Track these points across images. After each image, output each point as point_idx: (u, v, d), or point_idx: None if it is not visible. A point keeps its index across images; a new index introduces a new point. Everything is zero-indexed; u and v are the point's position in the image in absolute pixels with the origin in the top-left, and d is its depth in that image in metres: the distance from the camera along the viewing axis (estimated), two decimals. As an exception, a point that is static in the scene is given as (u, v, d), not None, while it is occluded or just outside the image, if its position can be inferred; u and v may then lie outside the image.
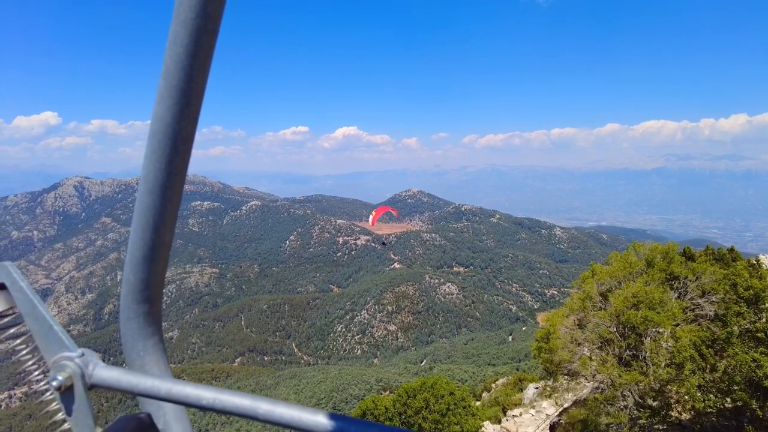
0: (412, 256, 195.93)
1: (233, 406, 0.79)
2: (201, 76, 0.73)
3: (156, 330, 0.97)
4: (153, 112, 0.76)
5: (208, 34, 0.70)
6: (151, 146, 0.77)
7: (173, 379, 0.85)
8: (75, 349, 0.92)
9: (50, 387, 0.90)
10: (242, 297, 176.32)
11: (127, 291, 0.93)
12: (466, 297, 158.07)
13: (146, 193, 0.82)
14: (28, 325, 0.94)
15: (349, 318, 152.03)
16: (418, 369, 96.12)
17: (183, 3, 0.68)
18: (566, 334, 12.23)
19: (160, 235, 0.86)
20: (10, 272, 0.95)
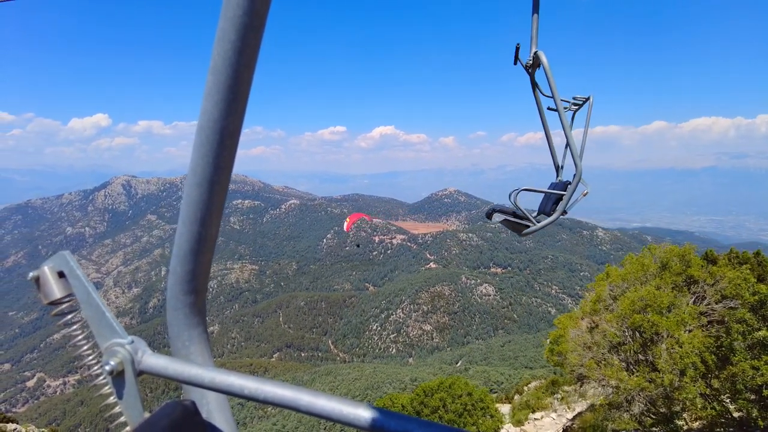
0: (449, 256, 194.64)
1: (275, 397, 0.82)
2: (247, 73, 0.74)
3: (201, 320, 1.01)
4: (201, 107, 0.78)
5: (255, 31, 0.71)
6: (199, 141, 0.79)
7: (217, 369, 0.88)
8: (125, 336, 0.97)
9: (103, 371, 0.95)
10: (281, 294, 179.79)
11: (174, 282, 0.96)
12: (504, 298, 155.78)
13: (194, 186, 0.83)
14: (84, 311, 1.00)
15: (385, 317, 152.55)
16: (454, 369, 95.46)
17: (231, 1, 0.69)
18: (576, 338, 11.99)
19: (206, 228, 0.87)
20: (68, 261, 1.02)
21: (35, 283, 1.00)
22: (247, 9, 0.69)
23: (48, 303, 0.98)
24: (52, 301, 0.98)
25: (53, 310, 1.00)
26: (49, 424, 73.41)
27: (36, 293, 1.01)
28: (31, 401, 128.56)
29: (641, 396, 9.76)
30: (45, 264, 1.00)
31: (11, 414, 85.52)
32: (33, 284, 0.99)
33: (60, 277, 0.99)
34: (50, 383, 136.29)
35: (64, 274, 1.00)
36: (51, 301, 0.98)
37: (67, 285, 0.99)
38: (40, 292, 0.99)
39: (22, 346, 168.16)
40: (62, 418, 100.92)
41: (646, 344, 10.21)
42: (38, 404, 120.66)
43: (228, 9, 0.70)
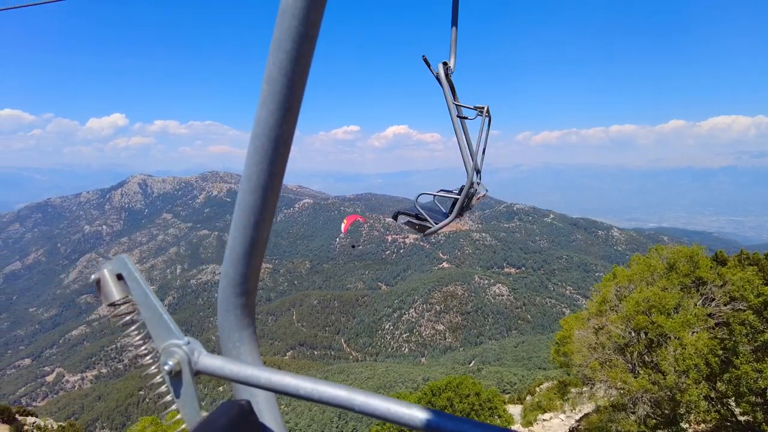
0: (462, 255, 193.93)
1: (330, 397, 0.83)
2: (301, 81, 0.76)
3: (251, 321, 1.03)
4: (256, 116, 0.80)
5: (309, 41, 0.73)
6: (254, 148, 0.82)
7: (272, 369, 0.90)
8: (182, 337, 0.99)
9: (161, 371, 0.98)
10: (294, 292, 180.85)
11: (226, 284, 0.98)
12: (517, 299, 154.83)
13: (248, 192, 0.86)
14: (142, 313, 1.03)
15: (397, 316, 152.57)
16: (466, 370, 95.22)
17: (287, 11, 0.71)
18: (581, 339, 11.91)
19: (259, 232, 0.90)
20: (126, 263, 1.04)
21: (96, 286, 1.03)
22: (303, 19, 0.71)
23: (107, 305, 1.03)
24: (111, 303, 1.02)
25: (111, 311, 1.04)
26: (67, 419, 74.63)
27: (96, 295, 1.05)
28: (51, 396, 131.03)
29: (646, 398, 9.69)
30: (104, 267, 1.03)
31: (31, 408, 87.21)
32: (94, 287, 1.03)
33: (119, 280, 1.03)
34: (69, 378, 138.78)
35: (123, 276, 1.03)
36: (110, 302, 1.02)
37: (125, 287, 1.03)
38: (100, 294, 1.03)
39: (41, 341, 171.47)
40: (80, 412, 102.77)
41: (651, 346, 10.13)
42: (57, 399, 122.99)
43: (284, 20, 0.72)
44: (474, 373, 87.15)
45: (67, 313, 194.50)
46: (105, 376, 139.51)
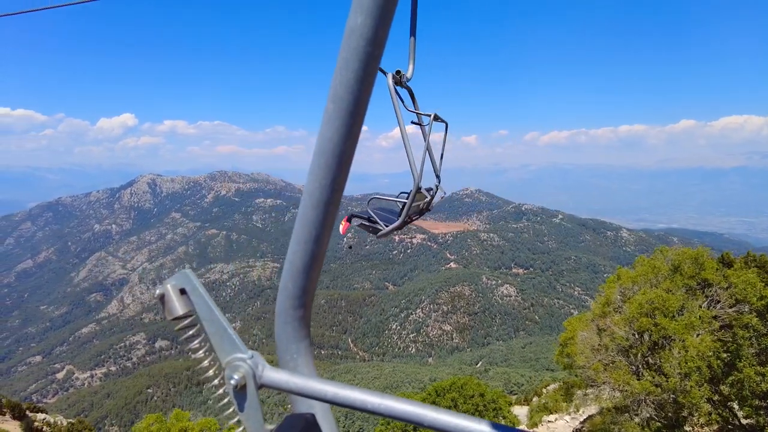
0: (469, 256, 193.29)
1: (398, 412, 0.83)
2: (365, 99, 0.79)
3: (307, 333, 1.06)
4: (320, 133, 0.82)
5: (375, 59, 0.76)
6: (318, 164, 0.84)
7: (337, 383, 0.91)
8: (246, 351, 1.00)
9: (227, 385, 0.99)
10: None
11: (285, 297, 1.01)
12: (525, 299, 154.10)
13: (310, 207, 0.88)
14: (205, 327, 1.03)
15: (404, 316, 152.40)
16: (474, 370, 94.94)
17: (355, 31, 0.73)
18: (584, 340, 11.82)
19: (319, 247, 0.92)
20: (190, 278, 1.04)
21: (159, 301, 1.04)
22: (371, 39, 0.73)
23: (171, 319, 1.04)
24: (175, 318, 1.03)
25: (174, 325, 1.05)
26: (77, 416, 75.34)
27: (160, 309, 1.05)
28: (61, 393, 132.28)
29: (649, 400, 9.60)
30: (168, 282, 1.04)
31: (42, 405, 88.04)
32: (158, 301, 1.05)
33: (182, 294, 1.04)
34: (78, 376, 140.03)
35: (186, 291, 1.04)
36: (174, 317, 1.03)
37: (188, 302, 1.03)
38: (164, 309, 1.04)
39: (52, 339, 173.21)
40: (90, 410, 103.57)
41: (654, 348, 10.03)
42: (67, 396, 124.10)
43: (351, 40, 0.74)
44: (481, 374, 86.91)
45: (77, 311, 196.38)
46: (114, 374, 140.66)
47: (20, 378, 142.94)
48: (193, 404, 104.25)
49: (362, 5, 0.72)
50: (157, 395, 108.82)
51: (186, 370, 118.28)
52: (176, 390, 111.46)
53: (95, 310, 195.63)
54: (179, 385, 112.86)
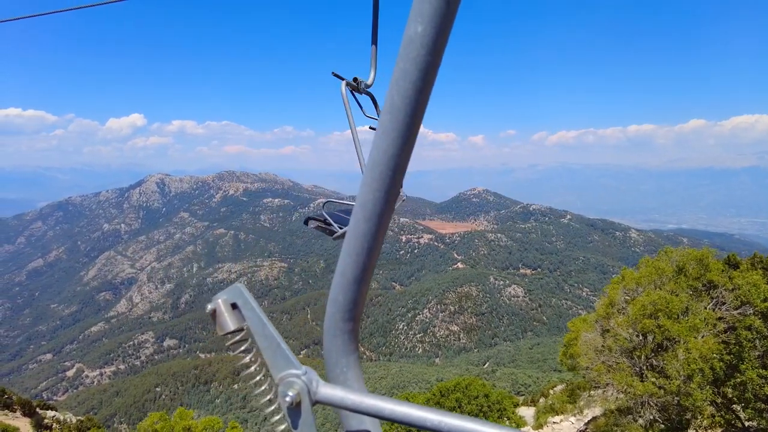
0: (476, 256, 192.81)
1: (460, 430, 0.79)
2: (423, 109, 0.76)
3: (356, 347, 1.02)
4: (374, 144, 0.80)
5: (434, 68, 0.73)
6: (372, 176, 0.82)
7: (394, 399, 0.88)
8: (300, 367, 0.98)
9: (281, 401, 0.97)
10: (309, 291, 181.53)
11: (335, 310, 0.97)
12: (533, 300, 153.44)
13: (363, 220, 0.86)
14: (258, 342, 1.02)
15: (411, 316, 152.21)
16: (480, 371, 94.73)
17: (414, 40, 0.71)
18: (587, 342, 11.76)
19: (371, 259, 0.90)
20: (242, 293, 1.03)
21: (211, 316, 1.02)
22: (430, 48, 0.71)
23: (223, 334, 1.01)
24: (226, 333, 1.01)
25: (226, 340, 1.03)
26: (86, 413, 76.03)
27: (212, 325, 1.00)
28: (71, 390, 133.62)
29: (652, 402, 9.53)
30: (219, 297, 1.02)
31: (52, 402, 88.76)
32: (209, 317, 1.02)
33: (233, 309, 1.02)
34: (88, 374, 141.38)
35: (237, 305, 1.02)
36: (226, 332, 1.01)
37: (240, 317, 1.02)
38: (216, 324, 1.01)
39: (62, 337, 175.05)
40: (99, 407, 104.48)
41: (657, 350, 9.96)
42: (77, 393, 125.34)
43: (410, 49, 0.72)
44: (488, 375, 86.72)
45: (86, 310, 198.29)
46: (123, 372, 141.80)
47: (31, 375, 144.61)
48: (201, 403, 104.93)
49: (422, 14, 0.70)
50: (165, 394, 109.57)
51: (194, 369, 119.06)
52: (184, 389, 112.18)
53: (104, 308, 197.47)
54: (187, 383, 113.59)
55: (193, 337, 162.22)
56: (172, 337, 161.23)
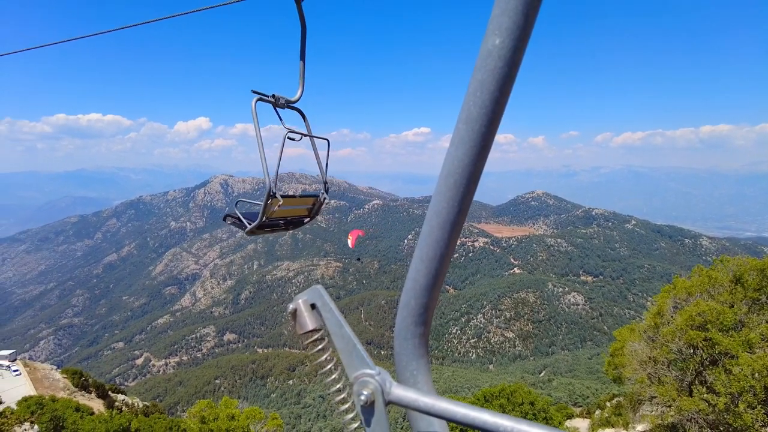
0: (534, 261, 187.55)
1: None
2: (498, 120, 0.78)
3: (426, 351, 1.04)
4: (449, 153, 0.82)
5: (511, 80, 0.75)
6: (446, 185, 0.84)
7: (466, 404, 0.89)
8: (374, 368, 1.01)
9: (356, 401, 1.00)
10: (363, 291, 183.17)
11: (406, 314, 0.99)
12: (594, 308, 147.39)
13: (436, 227, 0.88)
14: (335, 342, 1.06)
15: (465, 321, 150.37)
16: (536, 380, 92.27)
17: (492, 53, 0.73)
18: (633, 352, 11.04)
19: (443, 265, 0.92)
20: (321, 294, 1.09)
21: (291, 316, 1.08)
22: (509, 60, 0.73)
23: (301, 333, 1.07)
24: (305, 332, 1.07)
25: (305, 339, 1.08)
26: (153, 399, 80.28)
27: (291, 324, 1.07)
28: (140, 377, 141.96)
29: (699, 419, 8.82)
30: (299, 297, 1.08)
31: (123, 387, 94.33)
32: (289, 316, 1.08)
33: (312, 309, 1.08)
34: (155, 363, 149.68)
35: (316, 306, 1.08)
36: (304, 331, 1.07)
37: (318, 317, 1.07)
38: (294, 323, 1.07)
39: (132, 327, 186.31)
40: (164, 395, 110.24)
41: (705, 363, 9.21)
42: (145, 381, 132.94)
43: (489, 61, 0.74)
44: (544, 384, 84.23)
45: (154, 303, 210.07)
46: (186, 363, 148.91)
47: (106, 362, 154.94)
48: (257, 397, 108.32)
49: (500, 27, 0.73)
50: (224, 386, 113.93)
51: (252, 363, 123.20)
52: (242, 382, 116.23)
53: (170, 302, 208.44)
54: (245, 377, 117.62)
55: (252, 333, 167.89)
56: (231, 331, 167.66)
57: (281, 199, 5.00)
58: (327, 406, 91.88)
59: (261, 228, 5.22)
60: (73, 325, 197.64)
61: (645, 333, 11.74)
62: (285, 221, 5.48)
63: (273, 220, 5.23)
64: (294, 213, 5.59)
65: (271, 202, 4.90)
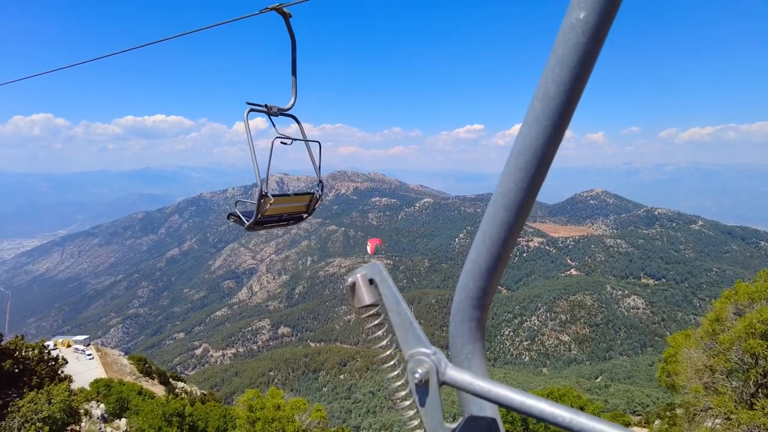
0: (592, 263, 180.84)
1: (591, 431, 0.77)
2: (577, 99, 0.75)
3: (482, 335, 1.03)
4: (521, 132, 0.79)
5: (593, 57, 0.72)
6: (516, 165, 0.81)
7: (524, 392, 0.88)
8: (430, 347, 0.99)
9: (410, 378, 0.99)
10: (413, 289, 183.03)
11: (464, 297, 0.98)
12: (655, 313, 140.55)
13: (502, 209, 0.85)
14: (391, 319, 1.04)
15: (518, 322, 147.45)
16: (592, 385, 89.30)
17: (575, 27, 0.70)
18: (688, 359, 10.23)
19: (506, 249, 0.89)
20: (380, 270, 1.07)
21: (350, 289, 1.07)
22: (592, 35, 0.70)
23: (359, 307, 1.06)
24: (362, 306, 1.05)
25: (361, 313, 1.07)
26: (210, 389, 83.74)
27: (349, 297, 1.06)
28: (199, 367, 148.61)
29: None
30: (358, 271, 1.07)
31: (183, 375, 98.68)
32: (348, 290, 1.07)
33: (370, 284, 1.07)
34: (213, 353, 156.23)
35: (375, 281, 1.06)
36: (361, 306, 1.05)
37: (376, 292, 1.06)
38: (353, 297, 1.06)
39: (192, 319, 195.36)
40: (221, 385, 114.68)
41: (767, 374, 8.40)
42: (203, 370, 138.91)
43: (570, 36, 0.71)
44: (600, 390, 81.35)
45: (213, 296, 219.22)
46: (242, 355, 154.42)
47: (167, 351, 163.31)
48: (309, 390, 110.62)
49: (584, 0, 0.69)
50: (277, 378, 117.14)
51: (304, 357, 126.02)
52: (294, 375, 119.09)
53: (228, 295, 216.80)
54: (297, 370, 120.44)
55: (305, 327, 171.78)
56: (286, 325, 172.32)
57: (272, 198, 5.50)
58: (377, 402, 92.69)
59: (259, 224, 5.77)
60: (139, 315, 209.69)
61: (701, 340, 10.87)
62: (283, 217, 6.09)
63: (269, 217, 5.79)
64: (290, 210, 6.19)
65: (264, 202, 5.46)
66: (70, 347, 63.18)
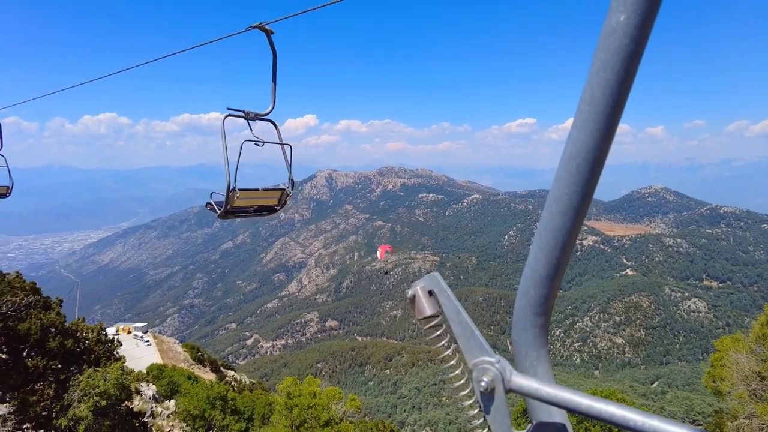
0: (650, 263, 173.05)
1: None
2: (624, 100, 0.75)
3: (546, 341, 1.03)
4: (571, 136, 0.79)
5: (637, 58, 0.72)
6: (568, 169, 0.81)
7: (593, 396, 0.87)
8: (493, 355, 1.00)
9: (476, 387, 1.00)
10: (459, 287, 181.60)
11: (526, 303, 0.98)
12: (719, 317, 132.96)
13: (558, 214, 0.86)
14: (453, 328, 1.05)
15: (569, 323, 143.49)
16: (647, 390, 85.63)
17: (617, 30, 0.70)
18: (735, 363, 9.43)
19: (565, 254, 0.89)
20: (438, 281, 1.09)
21: (410, 302, 1.09)
22: (635, 37, 0.70)
23: (420, 318, 1.08)
24: (423, 317, 1.07)
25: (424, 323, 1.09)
26: (259, 378, 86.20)
27: (410, 310, 1.07)
28: (249, 357, 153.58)
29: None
30: (418, 283, 1.09)
31: (234, 365, 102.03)
32: (408, 302, 1.09)
33: (430, 296, 1.08)
34: (263, 344, 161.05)
35: (434, 292, 1.08)
36: (423, 317, 1.07)
37: (435, 303, 1.08)
38: (413, 309, 1.08)
39: (244, 310, 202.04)
40: (270, 375, 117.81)
41: None
42: (254, 360, 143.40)
43: (613, 39, 0.71)
44: (656, 396, 77.92)
45: (264, 288, 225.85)
46: (291, 346, 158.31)
47: (220, 340, 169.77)
48: (356, 383, 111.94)
49: (625, 2, 0.69)
50: (325, 370, 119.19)
51: (351, 350, 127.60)
52: (341, 368, 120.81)
53: (278, 288, 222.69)
54: (344, 363, 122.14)
55: (352, 320, 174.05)
56: (333, 318, 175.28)
57: (238, 192, 6.26)
58: (422, 398, 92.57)
59: (230, 213, 6.49)
60: (194, 305, 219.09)
61: (752, 344, 10.04)
62: (253, 209, 6.81)
63: (239, 207, 6.51)
64: (261, 203, 6.90)
65: (231, 195, 6.19)
66: (131, 333, 67.41)
